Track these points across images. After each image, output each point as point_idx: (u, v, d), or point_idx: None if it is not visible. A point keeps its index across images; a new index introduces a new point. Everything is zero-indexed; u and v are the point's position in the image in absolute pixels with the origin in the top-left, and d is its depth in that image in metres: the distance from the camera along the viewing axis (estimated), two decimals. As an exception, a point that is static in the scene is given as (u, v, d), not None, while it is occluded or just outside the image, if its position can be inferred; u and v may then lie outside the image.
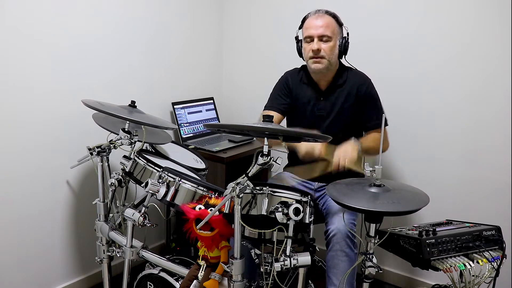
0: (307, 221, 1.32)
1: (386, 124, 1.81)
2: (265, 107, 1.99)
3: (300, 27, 1.88)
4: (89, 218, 1.98)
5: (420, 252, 1.26)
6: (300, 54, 1.91)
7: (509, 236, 1.59)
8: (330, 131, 1.78)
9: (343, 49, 1.84)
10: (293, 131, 1.52)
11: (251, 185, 1.27)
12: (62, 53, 1.90)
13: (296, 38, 1.90)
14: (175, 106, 2.44)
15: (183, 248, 2.33)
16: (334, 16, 1.82)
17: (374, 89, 1.89)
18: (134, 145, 1.67)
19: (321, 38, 1.77)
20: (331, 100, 1.87)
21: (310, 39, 1.80)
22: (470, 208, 2.01)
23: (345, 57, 1.90)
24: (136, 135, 1.66)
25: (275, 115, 1.90)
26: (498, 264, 1.29)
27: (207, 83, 2.74)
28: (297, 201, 1.28)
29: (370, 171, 1.35)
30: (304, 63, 1.95)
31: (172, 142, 2.04)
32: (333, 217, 1.67)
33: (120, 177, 1.67)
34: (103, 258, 1.77)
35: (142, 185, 1.55)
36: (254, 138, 2.47)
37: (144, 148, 1.80)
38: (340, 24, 1.83)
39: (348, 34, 1.85)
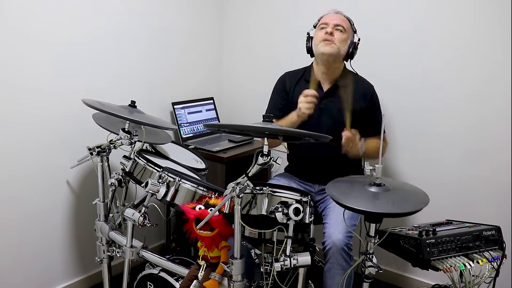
0: (307, 221, 1.32)
1: (384, 131, 1.80)
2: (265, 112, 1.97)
3: (315, 25, 1.88)
4: (89, 218, 1.98)
5: (420, 252, 1.26)
6: (309, 51, 1.89)
7: (509, 236, 1.59)
8: (329, 131, 1.77)
9: (350, 53, 1.84)
10: (293, 131, 1.52)
11: (251, 185, 1.27)
12: (62, 53, 1.90)
13: (308, 34, 1.89)
14: (175, 106, 2.44)
15: (183, 248, 2.33)
16: (350, 21, 1.86)
17: (377, 97, 1.92)
18: (134, 145, 1.67)
19: (336, 27, 1.79)
20: (333, 100, 1.86)
21: (325, 25, 1.81)
22: (470, 208, 2.01)
23: (350, 62, 1.90)
24: (136, 135, 1.66)
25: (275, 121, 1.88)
26: (498, 264, 1.29)
27: (207, 83, 2.74)
28: (297, 201, 1.28)
29: (370, 170, 1.34)
30: (307, 65, 1.94)
31: (172, 142, 2.04)
32: (330, 229, 1.64)
33: (120, 177, 1.67)
34: (103, 258, 1.77)
35: (142, 185, 1.55)
36: (254, 138, 2.46)
37: (144, 148, 1.80)
38: (354, 29, 1.86)
39: (359, 40, 1.86)
